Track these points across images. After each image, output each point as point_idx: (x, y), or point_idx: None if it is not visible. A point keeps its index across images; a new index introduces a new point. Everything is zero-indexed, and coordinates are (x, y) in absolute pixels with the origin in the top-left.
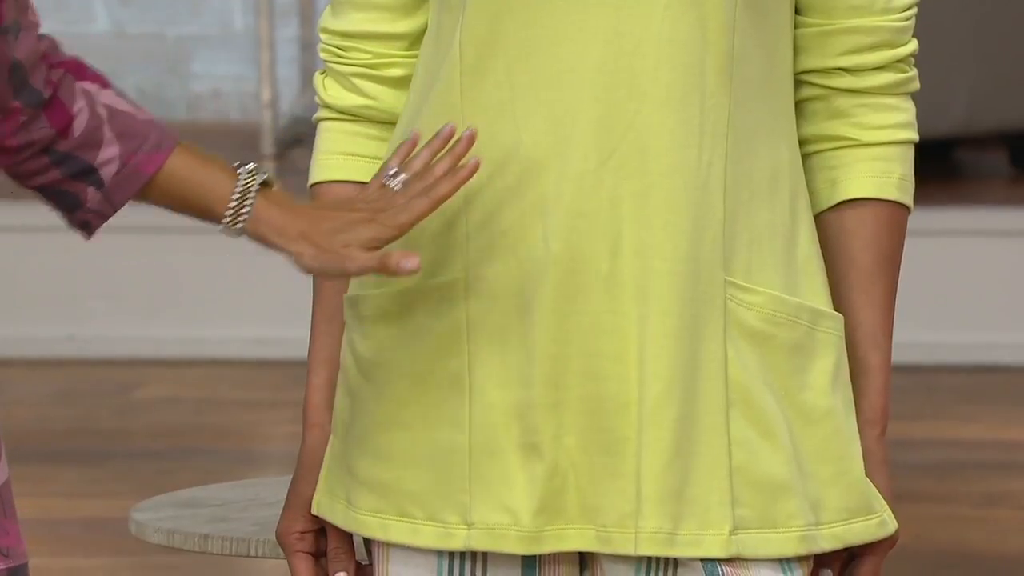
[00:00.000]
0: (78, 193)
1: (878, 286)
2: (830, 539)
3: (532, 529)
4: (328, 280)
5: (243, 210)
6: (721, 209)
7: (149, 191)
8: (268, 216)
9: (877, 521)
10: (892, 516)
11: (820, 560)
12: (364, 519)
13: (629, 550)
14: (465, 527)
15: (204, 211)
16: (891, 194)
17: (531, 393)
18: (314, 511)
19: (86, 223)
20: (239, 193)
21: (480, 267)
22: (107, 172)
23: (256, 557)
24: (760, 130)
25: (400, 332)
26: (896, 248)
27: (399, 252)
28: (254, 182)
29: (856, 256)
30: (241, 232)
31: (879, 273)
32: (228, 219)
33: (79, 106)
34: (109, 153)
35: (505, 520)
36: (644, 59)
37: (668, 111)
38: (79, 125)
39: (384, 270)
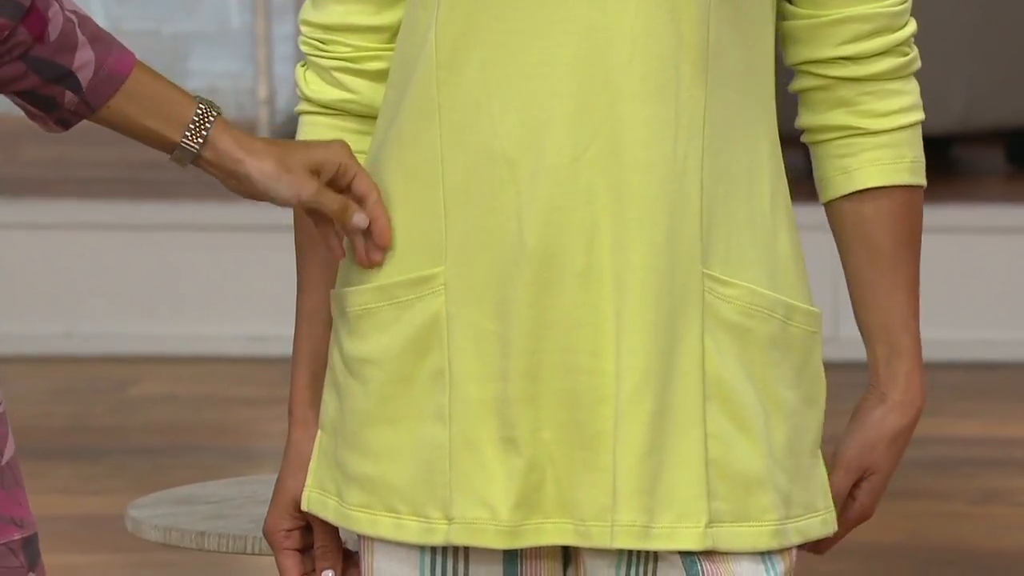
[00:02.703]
0: (55, 96)
1: (903, 269)
2: (795, 534)
3: (510, 523)
4: (277, 203)
5: (207, 123)
6: (698, 202)
7: (118, 96)
8: (230, 132)
9: (820, 519)
10: (835, 516)
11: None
12: (354, 515)
13: (605, 543)
14: (446, 522)
15: (164, 123)
16: (905, 178)
17: (508, 387)
18: (304, 507)
19: (63, 120)
20: (203, 109)
21: (458, 261)
22: (84, 76)
23: (253, 554)
24: (739, 123)
25: (383, 328)
26: (916, 228)
27: (360, 216)
28: (213, 107)
29: (878, 242)
30: (199, 147)
31: (903, 256)
32: (191, 131)
33: (53, 11)
34: (84, 57)
35: (483, 515)
36: (617, 53)
37: (642, 104)
38: (54, 29)
39: (338, 216)
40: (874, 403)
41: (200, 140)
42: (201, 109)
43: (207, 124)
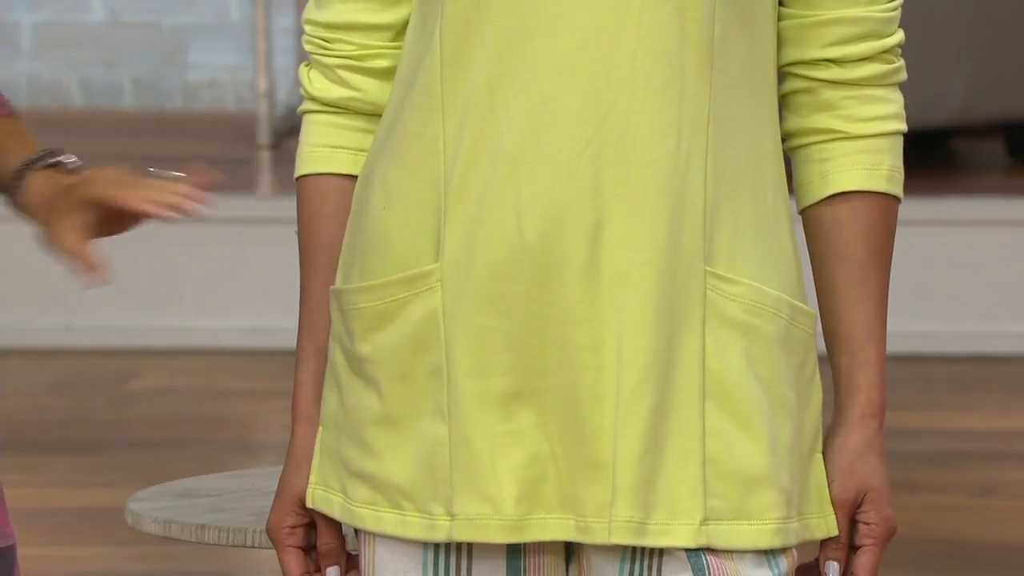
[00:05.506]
0: None
1: (872, 279)
2: (795, 534)
3: (514, 517)
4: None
5: (20, 181)
6: (702, 199)
7: None
8: (35, 190)
9: (815, 523)
10: (834, 520)
11: (824, 552)
12: (359, 511)
13: (604, 539)
14: (448, 518)
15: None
16: (881, 186)
17: (507, 382)
18: (309, 504)
19: None
20: (22, 164)
21: (455, 257)
22: None
23: (252, 547)
24: (744, 120)
25: (380, 326)
26: (888, 240)
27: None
28: (44, 160)
29: (849, 249)
30: (12, 204)
31: (872, 266)
32: (20, 168)
33: None
34: None
35: (486, 510)
36: (621, 49)
37: (645, 101)
38: None
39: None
40: (833, 430)
41: (10, 196)
42: (16, 169)
43: (19, 185)
